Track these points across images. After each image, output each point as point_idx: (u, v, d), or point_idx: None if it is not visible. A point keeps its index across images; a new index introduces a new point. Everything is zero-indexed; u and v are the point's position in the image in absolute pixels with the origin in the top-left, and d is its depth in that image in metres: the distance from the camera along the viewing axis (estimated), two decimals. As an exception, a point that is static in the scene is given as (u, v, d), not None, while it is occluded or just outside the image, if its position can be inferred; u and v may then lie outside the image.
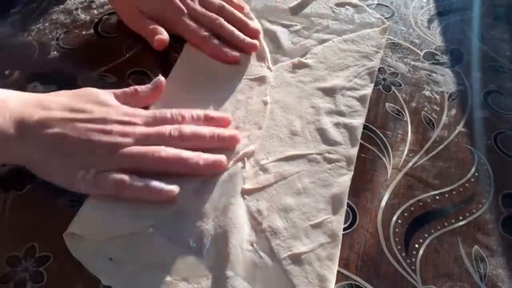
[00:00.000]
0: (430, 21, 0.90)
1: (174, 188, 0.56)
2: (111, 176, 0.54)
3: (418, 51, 0.84)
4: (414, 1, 0.94)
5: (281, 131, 0.69)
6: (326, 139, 0.68)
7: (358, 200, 0.63)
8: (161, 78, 0.70)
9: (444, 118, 0.74)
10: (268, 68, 0.79)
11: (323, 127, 0.69)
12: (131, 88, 0.69)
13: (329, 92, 0.74)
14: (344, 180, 0.63)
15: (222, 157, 0.61)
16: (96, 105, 0.62)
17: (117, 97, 0.66)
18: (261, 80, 0.77)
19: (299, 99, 0.74)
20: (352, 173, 0.64)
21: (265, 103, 0.73)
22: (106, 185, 0.54)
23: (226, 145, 0.63)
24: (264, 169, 0.63)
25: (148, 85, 0.70)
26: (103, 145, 0.55)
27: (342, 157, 0.66)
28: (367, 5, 0.90)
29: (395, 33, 0.87)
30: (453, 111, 0.75)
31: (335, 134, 0.69)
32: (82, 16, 0.87)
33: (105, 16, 0.88)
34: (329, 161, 0.66)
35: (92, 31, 0.85)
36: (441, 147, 0.70)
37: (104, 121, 0.58)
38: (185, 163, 0.57)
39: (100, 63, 0.79)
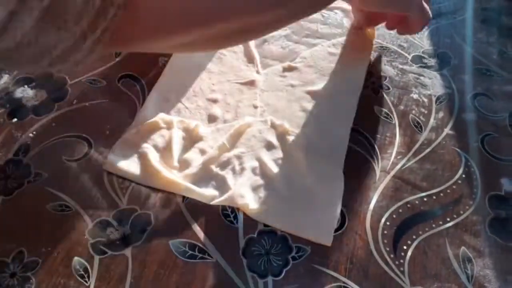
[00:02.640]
0: (418, 25, 0.91)
1: None
2: None
3: (406, 55, 0.85)
4: (402, 5, 0.95)
5: None
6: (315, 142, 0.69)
7: (347, 203, 0.64)
8: None
9: (432, 121, 0.74)
10: (258, 72, 0.79)
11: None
12: None
13: (318, 95, 0.75)
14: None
15: None
16: None
17: None
18: (251, 84, 0.77)
19: (288, 103, 0.74)
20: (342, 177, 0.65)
21: (255, 107, 0.73)
22: None
23: None
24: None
25: None
26: None
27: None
28: (356, 9, 0.90)
29: (384, 36, 0.88)
30: (441, 114, 0.75)
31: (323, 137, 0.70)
32: None
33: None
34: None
35: (81, 35, 0.84)
36: (428, 149, 0.70)
37: None
38: None
39: (89, 68, 0.79)
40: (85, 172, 0.64)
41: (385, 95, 0.78)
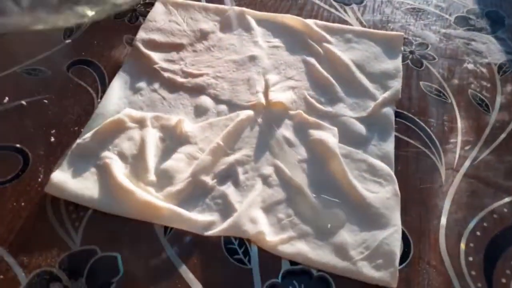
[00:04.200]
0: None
1: None
2: None
3: (447, 16, 0.66)
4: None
5: None
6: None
7: (407, 219, 0.44)
8: None
9: (500, 97, 0.55)
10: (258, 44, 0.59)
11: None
12: None
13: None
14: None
15: None
16: None
17: None
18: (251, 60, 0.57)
19: (301, 78, 0.55)
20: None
21: (257, 92, 0.53)
22: None
23: None
24: None
25: None
26: None
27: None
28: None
29: (414, -4, 0.68)
30: (509, 87, 0.57)
31: (360, 127, 0.50)
32: (6, -4, 0.66)
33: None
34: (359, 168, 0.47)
35: (18, 14, 0.64)
36: (504, 135, 0.52)
37: None
38: None
39: (28, 54, 0.59)
40: (18, 199, 0.46)
41: (430, 67, 0.58)
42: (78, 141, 0.49)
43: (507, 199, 0.46)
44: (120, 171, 0.46)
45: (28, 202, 0.45)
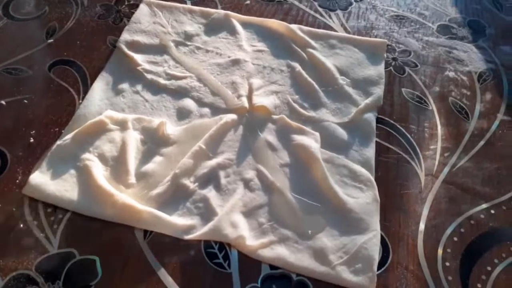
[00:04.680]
0: (436, -10, 0.73)
1: None
2: None
3: (430, 24, 0.66)
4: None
5: None
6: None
7: (387, 224, 0.44)
8: None
9: (479, 105, 0.56)
10: (242, 48, 0.59)
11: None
12: None
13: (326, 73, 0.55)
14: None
15: None
16: None
17: None
18: (235, 62, 0.57)
19: (285, 84, 0.54)
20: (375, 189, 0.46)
21: (240, 96, 0.53)
22: None
23: None
24: None
25: None
26: None
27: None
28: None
29: (398, 4, 0.69)
30: (488, 95, 0.57)
31: (341, 132, 0.51)
32: (-13, -6, 0.65)
33: (19, -6, 0.66)
34: (340, 173, 0.47)
35: (0, 12, 0.62)
36: (482, 142, 0.53)
37: None
38: None
39: (9, 53, 0.58)
40: None
41: (413, 74, 0.59)
42: (58, 142, 0.48)
43: (484, 205, 0.47)
44: (100, 173, 0.46)
45: (5, 203, 0.44)
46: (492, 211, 0.46)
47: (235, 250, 0.42)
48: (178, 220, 0.43)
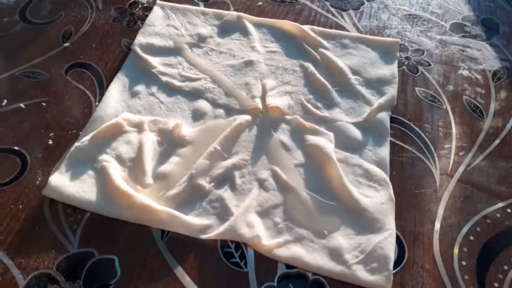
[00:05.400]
0: (448, -11, 0.73)
1: None
2: None
3: (443, 23, 0.66)
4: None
5: None
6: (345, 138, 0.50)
7: (402, 224, 0.44)
8: None
9: (494, 103, 0.56)
10: (255, 49, 0.59)
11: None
12: None
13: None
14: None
15: None
16: None
17: None
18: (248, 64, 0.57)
19: (298, 85, 0.55)
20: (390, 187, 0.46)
21: (254, 96, 0.53)
22: None
23: None
24: None
25: None
26: None
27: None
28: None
29: (410, 3, 0.69)
30: (503, 94, 0.57)
31: (355, 132, 0.51)
32: (5, -1, 0.67)
33: (35, -2, 0.67)
34: (354, 173, 0.47)
35: (17, 17, 0.64)
36: (497, 141, 0.52)
37: None
38: None
39: (27, 57, 0.59)
40: (17, 201, 0.46)
41: (426, 73, 0.59)
42: (76, 144, 0.49)
43: (500, 204, 0.47)
44: (117, 174, 0.46)
45: (26, 204, 0.45)
46: (508, 210, 0.46)
47: (251, 250, 0.42)
48: (194, 220, 0.44)
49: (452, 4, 0.70)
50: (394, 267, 0.41)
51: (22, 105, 0.54)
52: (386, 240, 0.42)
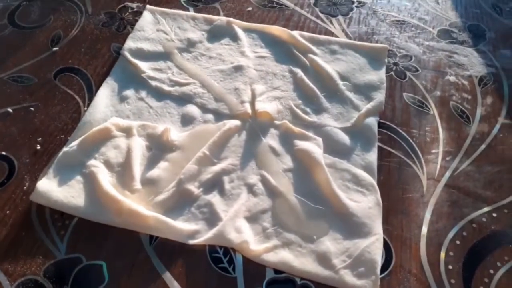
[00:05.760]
0: (436, -5, 0.74)
1: None
2: None
3: (430, 29, 0.67)
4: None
5: None
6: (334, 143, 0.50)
7: (389, 228, 0.45)
8: None
9: (480, 109, 0.56)
10: (245, 54, 0.60)
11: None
12: None
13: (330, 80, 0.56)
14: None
15: None
16: None
17: None
18: (238, 69, 0.57)
19: (287, 90, 0.55)
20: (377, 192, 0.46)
21: (243, 102, 0.54)
22: None
23: None
24: None
25: None
26: None
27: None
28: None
29: (399, 9, 0.70)
30: (489, 99, 0.58)
31: (343, 137, 0.51)
32: (-7, 3, 0.66)
33: (24, 3, 0.66)
34: (342, 177, 0.47)
35: (6, 21, 0.63)
36: (483, 146, 0.53)
37: None
38: None
39: (15, 61, 0.58)
40: (4, 207, 0.46)
41: (414, 79, 0.59)
42: (65, 149, 0.49)
43: (485, 209, 0.47)
44: (106, 179, 0.46)
45: (13, 210, 0.45)
46: (494, 215, 0.47)
47: (239, 255, 0.42)
48: (183, 225, 0.43)
49: (439, 10, 0.70)
50: (381, 272, 0.41)
51: (10, 109, 0.53)
52: (373, 245, 0.42)
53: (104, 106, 0.53)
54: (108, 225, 0.44)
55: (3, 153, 0.49)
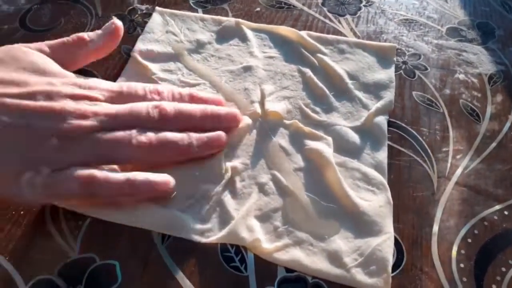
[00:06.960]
0: (444, -7, 0.74)
1: (169, 179, 0.44)
2: (74, 173, 0.40)
3: (439, 27, 0.67)
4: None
5: None
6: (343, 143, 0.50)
7: (400, 227, 0.45)
8: (115, 20, 0.55)
9: (490, 107, 0.56)
10: (254, 55, 0.60)
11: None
12: (73, 36, 0.52)
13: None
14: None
15: (220, 134, 0.48)
16: (32, 73, 0.44)
17: (53, 52, 0.49)
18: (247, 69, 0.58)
19: (297, 90, 0.56)
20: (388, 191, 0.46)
21: (253, 102, 0.54)
22: (69, 187, 0.41)
23: (225, 125, 0.50)
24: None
25: (98, 31, 0.54)
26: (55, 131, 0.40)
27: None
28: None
29: (407, 8, 0.70)
30: (499, 97, 0.57)
31: (353, 136, 0.51)
32: (5, 6, 0.67)
33: (35, 6, 0.67)
34: (353, 176, 0.48)
35: (17, 24, 0.64)
36: (494, 144, 0.53)
37: (48, 96, 0.42)
38: (174, 148, 0.45)
39: (27, 64, 0.59)
40: (18, 207, 0.46)
41: (423, 77, 0.59)
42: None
43: (497, 207, 0.47)
44: (118, 179, 0.47)
45: (27, 210, 0.45)
46: (506, 212, 0.46)
47: (251, 254, 0.43)
48: (195, 224, 0.44)
49: (448, 8, 0.70)
50: (393, 270, 0.42)
51: (22, 111, 0.54)
52: (384, 243, 0.42)
53: (115, 107, 0.54)
54: (121, 224, 0.44)
55: (17, 154, 0.50)
